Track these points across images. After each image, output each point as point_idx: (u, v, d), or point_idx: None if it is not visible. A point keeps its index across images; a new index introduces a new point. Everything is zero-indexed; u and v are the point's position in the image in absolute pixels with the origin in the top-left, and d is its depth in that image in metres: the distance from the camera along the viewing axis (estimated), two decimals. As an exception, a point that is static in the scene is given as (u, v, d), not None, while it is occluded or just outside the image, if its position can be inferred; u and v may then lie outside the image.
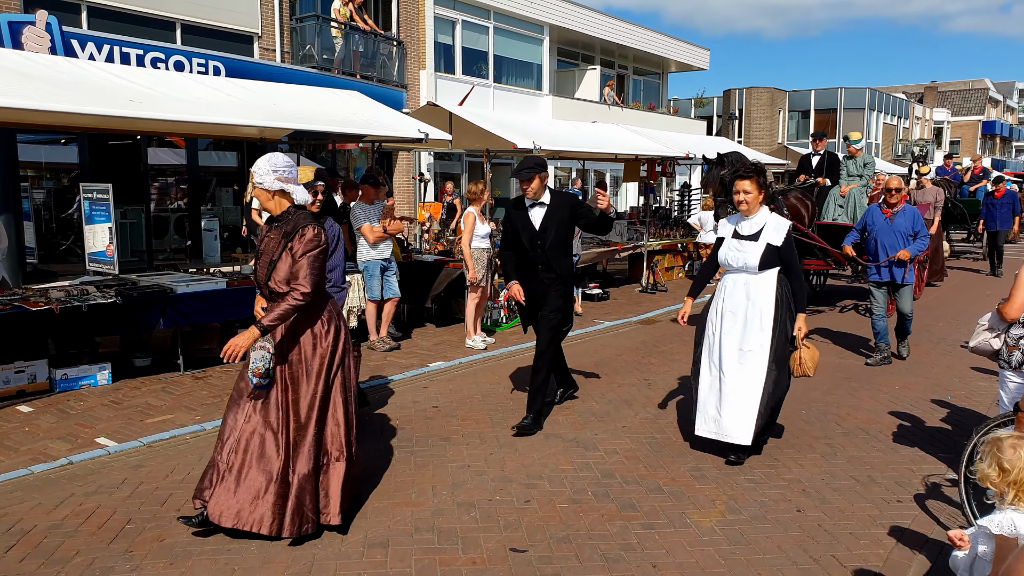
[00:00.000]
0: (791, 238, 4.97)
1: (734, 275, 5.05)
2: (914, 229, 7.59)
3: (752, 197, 5.03)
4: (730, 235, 5.12)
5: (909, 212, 7.67)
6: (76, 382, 6.56)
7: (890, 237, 7.66)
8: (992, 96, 55.88)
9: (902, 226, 7.62)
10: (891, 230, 7.66)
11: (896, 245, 7.60)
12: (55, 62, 7.52)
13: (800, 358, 4.97)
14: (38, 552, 3.78)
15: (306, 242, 3.76)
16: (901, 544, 3.96)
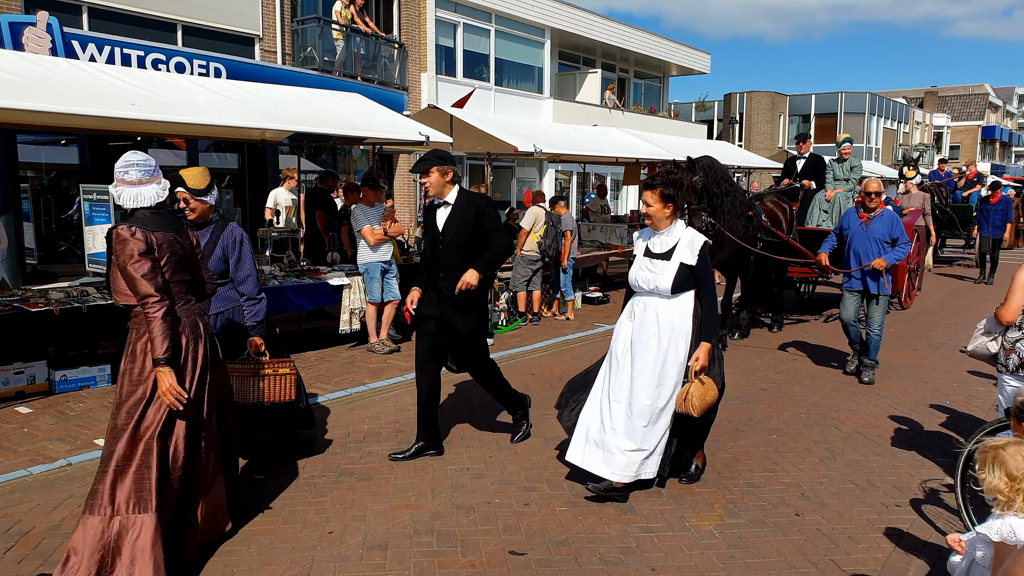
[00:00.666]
0: (706, 257, 4.38)
1: (644, 298, 4.45)
2: (892, 236, 7.02)
3: (655, 211, 4.37)
4: (641, 253, 4.50)
5: (887, 217, 7.09)
6: (75, 383, 6.55)
7: (864, 243, 7.11)
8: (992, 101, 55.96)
9: (878, 232, 7.05)
10: (866, 236, 7.11)
11: (871, 252, 7.04)
12: (56, 63, 7.53)
13: (688, 393, 4.27)
14: (37, 553, 3.78)
15: (115, 250, 3.36)
16: (899, 548, 3.96)
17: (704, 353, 4.32)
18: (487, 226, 4.88)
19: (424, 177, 4.87)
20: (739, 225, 7.97)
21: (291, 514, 4.24)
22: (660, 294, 4.37)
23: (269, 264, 8.87)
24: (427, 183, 4.86)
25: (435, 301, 4.94)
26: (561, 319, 10.34)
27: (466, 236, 4.84)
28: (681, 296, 4.38)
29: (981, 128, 54.08)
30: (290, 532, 4.03)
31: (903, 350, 8.72)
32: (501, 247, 4.93)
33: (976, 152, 53.42)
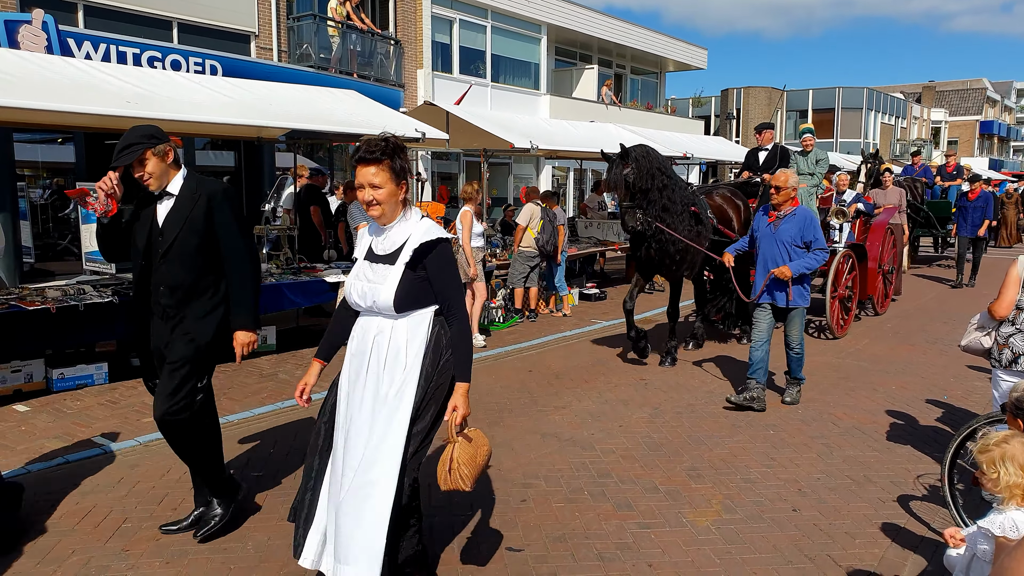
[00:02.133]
0: (447, 257, 3.05)
1: (365, 319, 3.12)
2: (804, 239, 6.00)
3: (384, 194, 2.96)
4: (363, 255, 3.16)
5: (800, 217, 6.04)
6: (73, 381, 6.55)
7: (772, 248, 6.07)
8: (990, 96, 55.98)
9: (787, 234, 6.04)
10: (773, 240, 6.06)
11: (778, 259, 6.04)
12: (51, 61, 7.50)
13: (452, 459, 2.99)
14: (34, 551, 3.78)
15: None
16: (896, 543, 3.97)
17: (463, 399, 3.00)
18: (221, 221, 3.64)
19: (139, 169, 3.59)
20: (682, 223, 7.22)
21: (288, 511, 4.23)
22: (382, 311, 3.03)
23: (266, 262, 8.87)
24: (146, 176, 3.59)
25: (161, 329, 3.69)
26: (558, 315, 10.35)
27: (197, 237, 3.60)
28: (413, 315, 3.03)
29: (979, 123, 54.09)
30: (287, 529, 4.01)
31: (900, 345, 8.74)
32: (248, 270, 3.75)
33: (974, 147, 53.45)
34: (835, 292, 8.88)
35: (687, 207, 7.31)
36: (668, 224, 7.08)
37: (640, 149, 6.98)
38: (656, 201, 7.00)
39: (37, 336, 6.13)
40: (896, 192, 11.93)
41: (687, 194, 7.43)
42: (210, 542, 3.87)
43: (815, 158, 9.50)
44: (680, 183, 7.38)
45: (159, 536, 3.93)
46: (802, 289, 6.11)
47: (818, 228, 6.10)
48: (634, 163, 6.82)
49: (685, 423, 5.84)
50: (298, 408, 6.16)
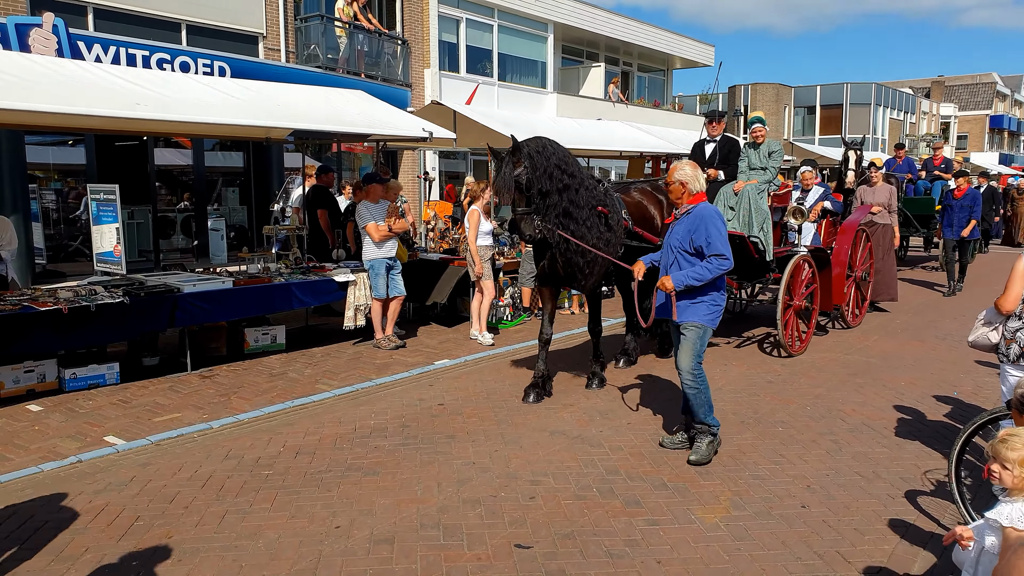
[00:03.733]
0: None
1: None
2: (695, 244, 4.87)
3: None
4: None
5: (693, 217, 4.92)
6: (85, 381, 6.61)
7: (666, 255, 5.12)
8: (1000, 90, 55.57)
9: (676, 238, 4.98)
10: (667, 245, 5.12)
11: (669, 267, 5.03)
12: (62, 64, 7.56)
13: None
14: (48, 549, 3.82)
15: None
16: (905, 540, 3.97)
17: None
18: None
19: None
20: (590, 229, 6.13)
21: (298, 509, 4.27)
22: None
23: (275, 261, 8.91)
24: None
25: None
26: (566, 313, 10.36)
27: None
28: None
29: (989, 117, 53.70)
30: (297, 526, 4.06)
31: (910, 341, 8.71)
32: None
33: (984, 141, 53.08)
34: (790, 302, 7.88)
35: (595, 208, 6.25)
36: (573, 231, 6.02)
37: (536, 143, 5.96)
38: (557, 204, 5.93)
39: (49, 336, 6.19)
40: (885, 189, 10.81)
41: (596, 193, 6.34)
42: (221, 540, 3.90)
43: (767, 150, 8.27)
44: (588, 181, 6.34)
45: (171, 534, 3.97)
46: (695, 304, 4.92)
47: (714, 230, 4.83)
48: (528, 160, 5.78)
49: (693, 420, 5.84)
50: (308, 407, 6.20)
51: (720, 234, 4.83)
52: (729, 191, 8.10)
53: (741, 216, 7.94)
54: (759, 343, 8.58)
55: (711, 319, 4.95)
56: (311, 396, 6.45)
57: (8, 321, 5.94)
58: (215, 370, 7.28)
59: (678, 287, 4.86)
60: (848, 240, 9.19)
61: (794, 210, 8.31)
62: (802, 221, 8.34)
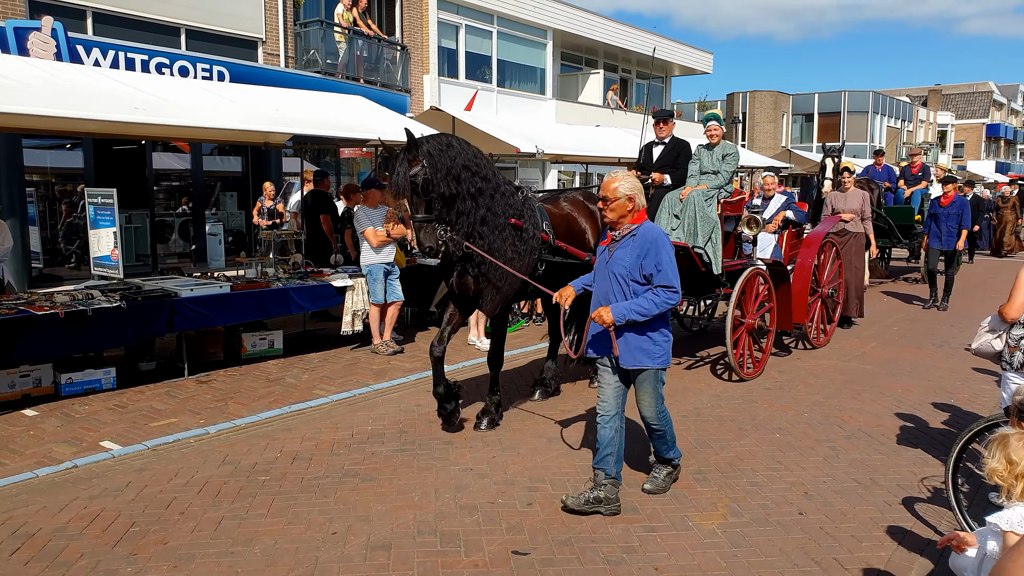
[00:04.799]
0: None
1: None
2: (645, 271, 4.15)
3: None
4: None
5: (640, 240, 4.18)
6: (81, 386, 6.59)
7: (603, 283, 4.33)
8: (996, 99, 55.80)
9: (620, 264, 4.22)
10: (606, 271, 4.31)
11: (609, 297, 4.25)
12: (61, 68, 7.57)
13: None
14: (43, 555, 3.80)
15: None
16: (902, 547, 3.96)
17: None
18: None
19: None
20: (506, 241, 5.39)
21: (295, 515, 4.26)
22: None
23: (273, 266, 8.91)
24: None
25: None
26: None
27: None
28: None
29: (986, 126, 53.91)
30: (294, 533, 4.05)
31: (907, 348, 8.71)
32: None
33: (981, 150, 53.27)
34: (741, 320, 7.13)
35: (507, 219, 5.43)
36: (490, 244, 5.28)
37: (437, 140, 5.18)
38: (471, 212, 5.20)
39: (46, 341, 6.17)
40: (858, 196, 9.96)
41: (512, 202, 5.54)
42: (217, 546, 3.89)
43: (721, 153, 7.33)
44: (504, 187, 5.54)
45: (167, 540, 3.96)
46: (644, 344, 4.22)
47: (666, 256, 4.16)
48: (427, 159, 4.98)
49: (691, 426, 5.84)
50: (305, 412, 6.18)
51: (672, 262, 4.18)
52: (675, 197, 7.20)
53: (686, 225, 7.05)
54: (712, 364, 7.83)
55: (664, 359, 4.30)
56: (308, 401, 6.44)
57: (4, 325, 5.92)
58: (212, 375, 7.26)
59: (619, 321, 4.15)
60: (812, 253, 8.39)
61: (749, 219, 7.39)
62: (757, 231, 7.44)
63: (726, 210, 7.33)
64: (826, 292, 8.71)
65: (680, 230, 7.05)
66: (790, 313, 8.01)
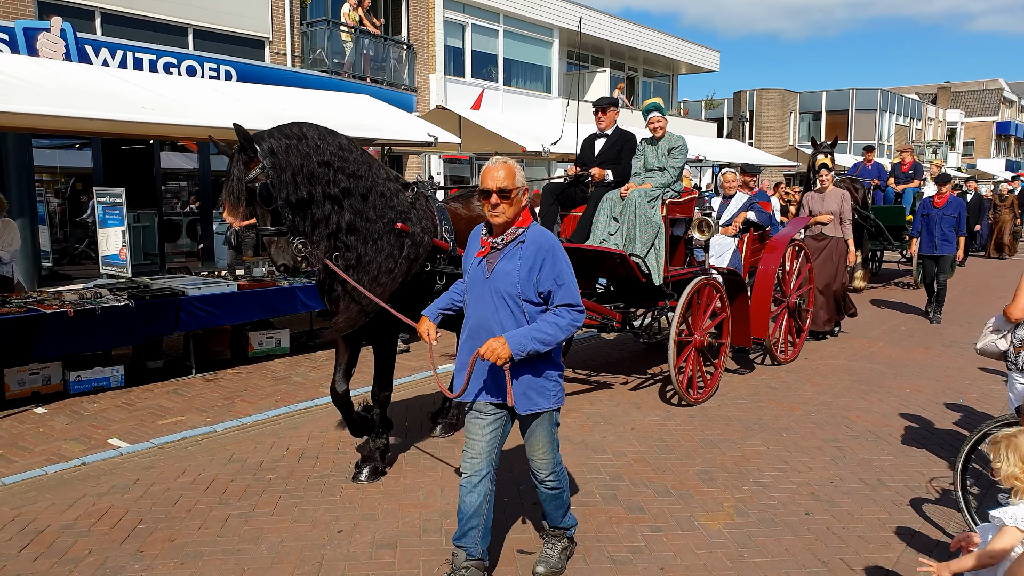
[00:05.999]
0: None
1: None
2: (540, 288, 3.26)
3: None
4: None
5: (530, 248, 3.29)
6: (89, 384, 6.62)
7: (482, 304, 3.36)
8: (1007, 96, 55.44)
9: (506, 279, 3.29)
10: (485, 288, 3.35)
11: (491, 322, 3.32)
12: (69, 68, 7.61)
13: None
14: (51, 551, 3.83)
15: None
16: (911, 547, 3.95)
17: None
18: None
19: None
20: (379, 251, 4.37)
21: (301, 513, 4.27)
22: None
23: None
24: None
25: None
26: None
27: None
28: None
29: (996, 124, 53.58)
30: (300, 531, 4.06)
31: (915, 348, 8.67)
32: None
33: (991, 148, 52.95)
34: (688, 337, 6.29)
35: (392, 224, 4.44)
36: (360, 256, 4.32)
37: (285, 133, 4.23)
38: (326, 219, 4.21)
39: (55, 339, 6.21)
40: (835, 196, 9.00)
41: (397, 202, 4.50)
42: (223, 544, 3.90)
43: (667, 146, 6.52)
44: (385, 185, 4.48)
45: (174, 537, 3.98)
46: (538, 382, 3.35)
47: (566, 267, 3.29)
48: (269, 159, 4.03)
49: (697, 426, 5.83)
50: (311, 411, 6.20)
51: (572, 273, 3.33)
52: (614, 198, 6.34)
53: (624, 228, 6.21)
54: (663, 384, 6.98)
55: (560, 397, 3.47)
56: (315, 400, 6.45)
57: (14, 324, 5.96)
58: (219, 374, 7.29)
59: (519, 355, 3.17)
60: (776, 259, 7.53)
61: (699, 222, 6.48)
62: (709, 235, 6.53)
63: (675, 212, 6.45)
64: (793, 302, 7.95)
65: (619, 235, 6.23)
66: (748, 327, 7.10)
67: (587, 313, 5.81)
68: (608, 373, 7.44)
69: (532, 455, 3.57)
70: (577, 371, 7.47)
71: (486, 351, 3.18)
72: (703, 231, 6.48)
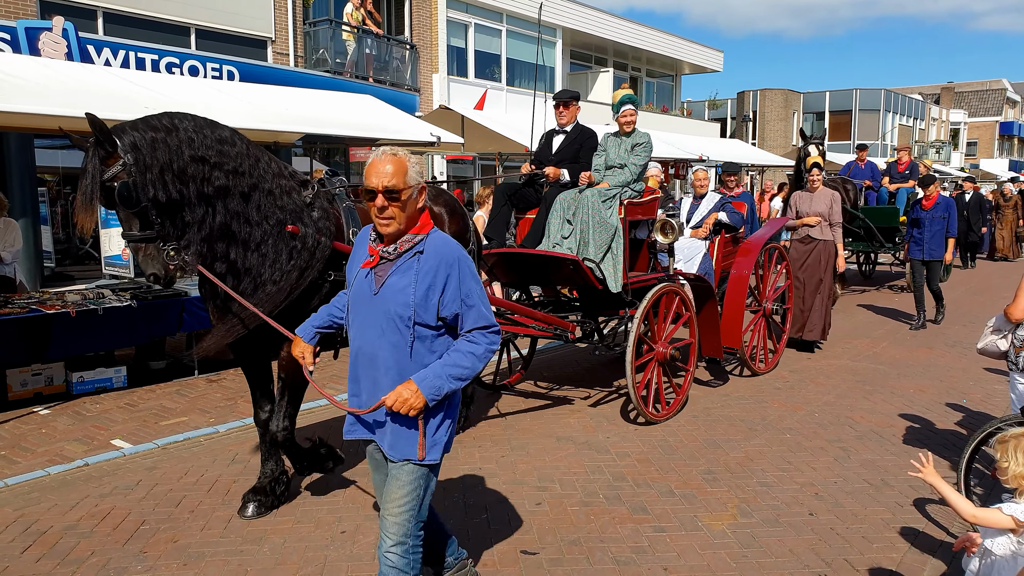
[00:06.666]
0: None
1: None
2: (446, 312, 2.69)
3: None
4: None
5: (433, 261, 2.68)
6: (92, 385, 6.62)
7: (367, 329, 2.77)
8: (1010, 96, 55.34)
9: (397, 298, 2.67)
10: (372, 308, 2.74)
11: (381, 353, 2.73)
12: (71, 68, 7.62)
13: None
14: (54, 552, 3.83)
15: None
16: (914, 547, 3.93)
17: None
18: None
19: None
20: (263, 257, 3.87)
21: (304, 513, 4.27)
22: None
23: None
24: None
25: None
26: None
27: None
28: None
29: (999, 124, 53.49)
30: (303, 531, 4.06)
31: (919, 348, 8.65)
32: None
33: (994, 148, 52.86)
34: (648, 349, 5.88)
35: (280, 227, 3.91)
36: (239, 264, 3.83)
37: (153, 125, 3.67)
38: (199, 222, 3.67)
39: (57, 340, 6.21)
40: (824, 197, 8.35)
41: (288, 201, 3.99)
42: (226, 544, 3.90)
43: (631, 143, 6.06)
44: (275, 182, 3.99)
45: (177, 538, 3.97)
46: (439, 425, 2.77)
47: (473, 283, 2.72)
48: (131, 154, 3.48)
49: (701, 426, 5.82)
50: (315, 411, 6.19)
51: (482, 288, 2.78)
52: (568, 198, 5.87)
53: (578, 231, 5.77)
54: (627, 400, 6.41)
55: (437, 450, 2.78)
56: (318, 400, 6.45)
57: (17, 324, 5.96)
58: (222, 374, 7.29)
59: (435, 399, 2.63)
60: (750, 263, 7.02)
61: (662, 224, 5.99)
62: (673, 239, 6.00)
63: (635, 213, 5.99)
64: (768, 308, 7.52)
65: (572, 238, 5.78)
66: (718, 336, 6.64)
67: (538, 324, 5.86)
68: (613, 373, 7.42)
69: (384, 507, 2.77)
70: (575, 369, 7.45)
71: (394, 402, 2.60)
72: (666, 234, 5.97)
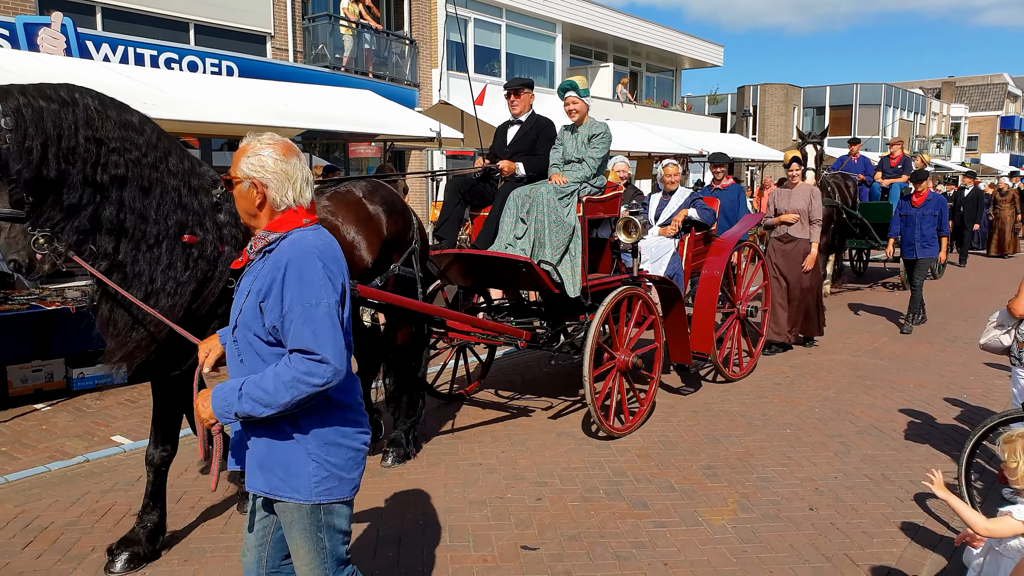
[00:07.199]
0: None
1: None
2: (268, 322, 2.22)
3: None
4: None
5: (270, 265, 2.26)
6: (92, 381, 6.62)
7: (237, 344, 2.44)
8: (1011, 91, 55.24)
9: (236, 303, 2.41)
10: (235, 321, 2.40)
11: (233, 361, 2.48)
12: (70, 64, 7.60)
13: None
14: (55, 548, 3.83)
15: None
16: (915, 542, 3.94)
17: None
18: None
19: None
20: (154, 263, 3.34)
21: (305, 509, 4.26)
22: None
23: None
24: None
25: None
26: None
27: None
28: None
29: (1000, 118, 53.39)
30: (304, 527, 4.05)
31: (919, 343, 8.65)
32: None
33: (995, 143, 52.78)
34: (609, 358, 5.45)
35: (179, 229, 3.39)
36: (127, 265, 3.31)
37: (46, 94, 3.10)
38: (84, 209, 3.19)
39: (57, 336, 6.20)
40: (803, 192, 7.90)
41: (192, 203, 3.45)
42: (226, 540, 3.90)
43: (587, 134, 5.58)
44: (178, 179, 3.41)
45: (177, 534, 3.97)
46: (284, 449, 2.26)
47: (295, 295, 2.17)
48: (14, 117, 3.00)
49: (701, 421, 5.82)
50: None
51: (319, 304, 2.17)
52: (522, 195, 5.40)
53: (532, 231, 5.30)
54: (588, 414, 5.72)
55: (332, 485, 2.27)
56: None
57: (16, 321, 5.96)
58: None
59: (225, 418, 2.23)
60: (721, 263, 6.59)
61: (625, 222, 5.53)
62: (637, 238, 5.55)
63: (596, 211, 5.57)
64: (743, 311, 7.11)
65: (526, 238, 5.33)
66: (686, 341, 6.27)
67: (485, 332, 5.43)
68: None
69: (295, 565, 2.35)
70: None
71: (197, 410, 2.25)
72: (630, 232, 5.51)
